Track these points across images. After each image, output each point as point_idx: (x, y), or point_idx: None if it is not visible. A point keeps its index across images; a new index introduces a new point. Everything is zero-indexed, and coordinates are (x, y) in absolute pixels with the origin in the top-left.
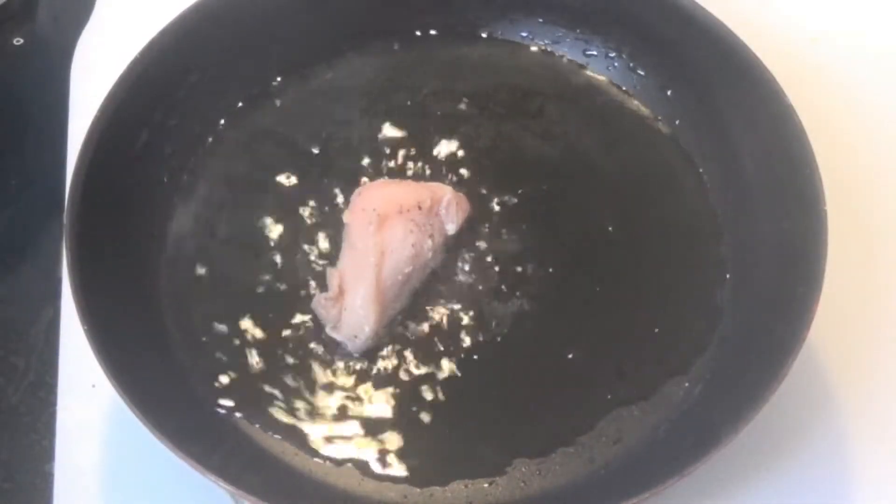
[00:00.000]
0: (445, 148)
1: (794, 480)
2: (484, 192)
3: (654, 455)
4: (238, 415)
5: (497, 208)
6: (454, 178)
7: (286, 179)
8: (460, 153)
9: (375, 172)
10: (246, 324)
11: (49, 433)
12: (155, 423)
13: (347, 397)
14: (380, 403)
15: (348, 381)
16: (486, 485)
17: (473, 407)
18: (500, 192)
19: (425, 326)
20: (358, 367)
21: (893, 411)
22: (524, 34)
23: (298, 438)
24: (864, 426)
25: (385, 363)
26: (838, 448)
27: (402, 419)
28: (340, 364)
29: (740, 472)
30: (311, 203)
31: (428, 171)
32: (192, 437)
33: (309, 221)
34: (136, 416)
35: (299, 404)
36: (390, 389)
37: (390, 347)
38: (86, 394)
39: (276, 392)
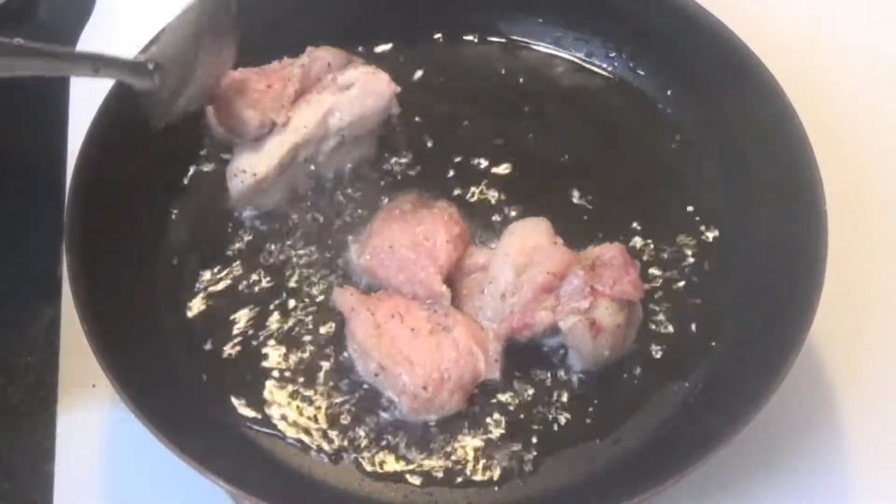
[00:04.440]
0: (445, 147)
1: (794, 480)
2: (484, 191)
3: (654, 455)
4: (238, 415)
5: (497, 207)
6: (453, 175)
7: None
8: (460, 153)
9: (375, 171)
10: (245, 324)
11: (49, 433)
12: (155, 423)
13: (347, 398)
14: (380, 405)
15: (348, 381)
16: (486, 485)
17: (473, 408)
18: (500, 192)
19: None
20: (355, 367)
21: (893, 411)
22: (525, 34)
23: (299, 439)
24: (864, 426)
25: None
26: (838, 448)
27: (402, 420)
28: (341, 364)
29: (740, 472)
30: (310, 202)
31: (428, 171)
32: (192, 437)
33: (309, 221)
34: (135, 416)
35: (299, 404)
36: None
37: None
38: (86, 394)
39: (276, 393)
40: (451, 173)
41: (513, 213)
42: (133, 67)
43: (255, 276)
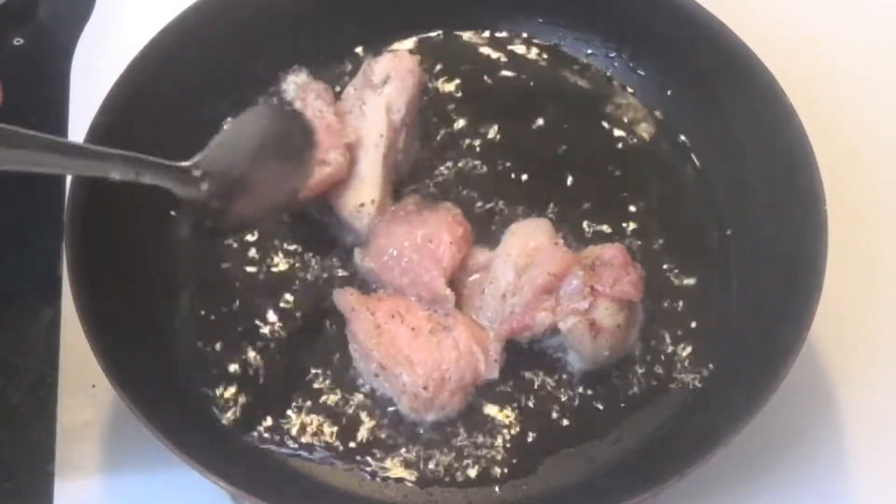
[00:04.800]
0: (445, 148)
1: (794, 480)
2: (485, 191)
3: (654, 455)
4: (238, 415)
5: (498, 208)
6: (454, 176)
7: None
8: (460, 153)
9: None
10: (246, 324)
11: (49, 433)
12: (155, 424)
13: (347, 398)
14: (380, 405)
15: (348, 382)
16: (486, 485)
17: (473, 408)
18: (500, 193)
19: None
20: (356, 367)
21: (893, 411)
22: (524, 34)
23: (298, 439)
24: (864, 426)
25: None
26: (838, 448)
27: (403, 421)
28: (341, 365)
29: (740, 472)
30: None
31: (429, 171)
32: (192, 436)
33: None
34: (136, 416)
35: (298, 405)
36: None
37: None
38: (86, 394)
39: (276, 393)
40: (452, 174)
41: (514, 214)
42: (178, 173)
43: (256, 276)
